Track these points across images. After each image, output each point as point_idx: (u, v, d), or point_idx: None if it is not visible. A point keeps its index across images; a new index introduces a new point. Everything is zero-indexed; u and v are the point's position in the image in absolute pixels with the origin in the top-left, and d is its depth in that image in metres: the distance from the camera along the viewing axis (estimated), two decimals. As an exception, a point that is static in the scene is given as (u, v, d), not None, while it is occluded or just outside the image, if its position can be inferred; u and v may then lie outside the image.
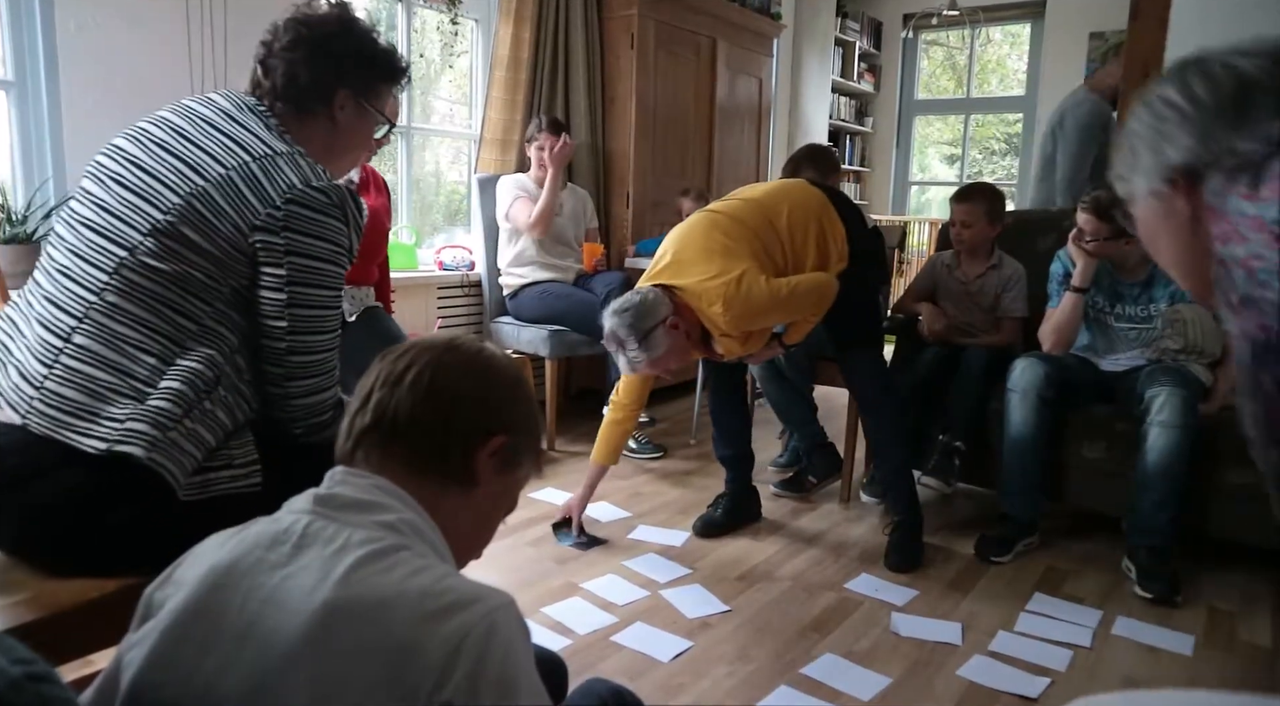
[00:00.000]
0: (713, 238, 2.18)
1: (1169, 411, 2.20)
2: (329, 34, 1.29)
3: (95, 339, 1.14)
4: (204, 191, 1.16)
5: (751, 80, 4.63)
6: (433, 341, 0.86)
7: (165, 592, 0.75)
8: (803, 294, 2.16)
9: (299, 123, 1.30)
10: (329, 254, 1.21)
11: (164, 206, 1.15)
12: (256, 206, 1.16)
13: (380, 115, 1.39)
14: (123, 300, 1.15)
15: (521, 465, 0.90)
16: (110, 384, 1.13)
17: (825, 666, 1.81)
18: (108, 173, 1.21)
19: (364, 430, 0.82)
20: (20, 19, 2.37)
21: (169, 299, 1.15)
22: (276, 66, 1.28)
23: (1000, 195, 2.81)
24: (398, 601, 0.68)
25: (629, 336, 2.09)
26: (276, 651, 0.67)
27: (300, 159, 1.22)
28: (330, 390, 1.28)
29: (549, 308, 3.35)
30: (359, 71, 1.33)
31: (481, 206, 3.55)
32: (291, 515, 0.77)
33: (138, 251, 1.14)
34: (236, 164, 1.18)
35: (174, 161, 1.19)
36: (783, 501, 2.85)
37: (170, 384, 1.14)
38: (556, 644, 1.85)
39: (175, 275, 1.15)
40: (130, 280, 1.14)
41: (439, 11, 3.51)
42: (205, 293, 1.17)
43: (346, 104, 1.33)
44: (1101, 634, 1.99)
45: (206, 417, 1.16)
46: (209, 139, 1.21)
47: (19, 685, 0.47)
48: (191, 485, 1.14)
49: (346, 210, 1.22)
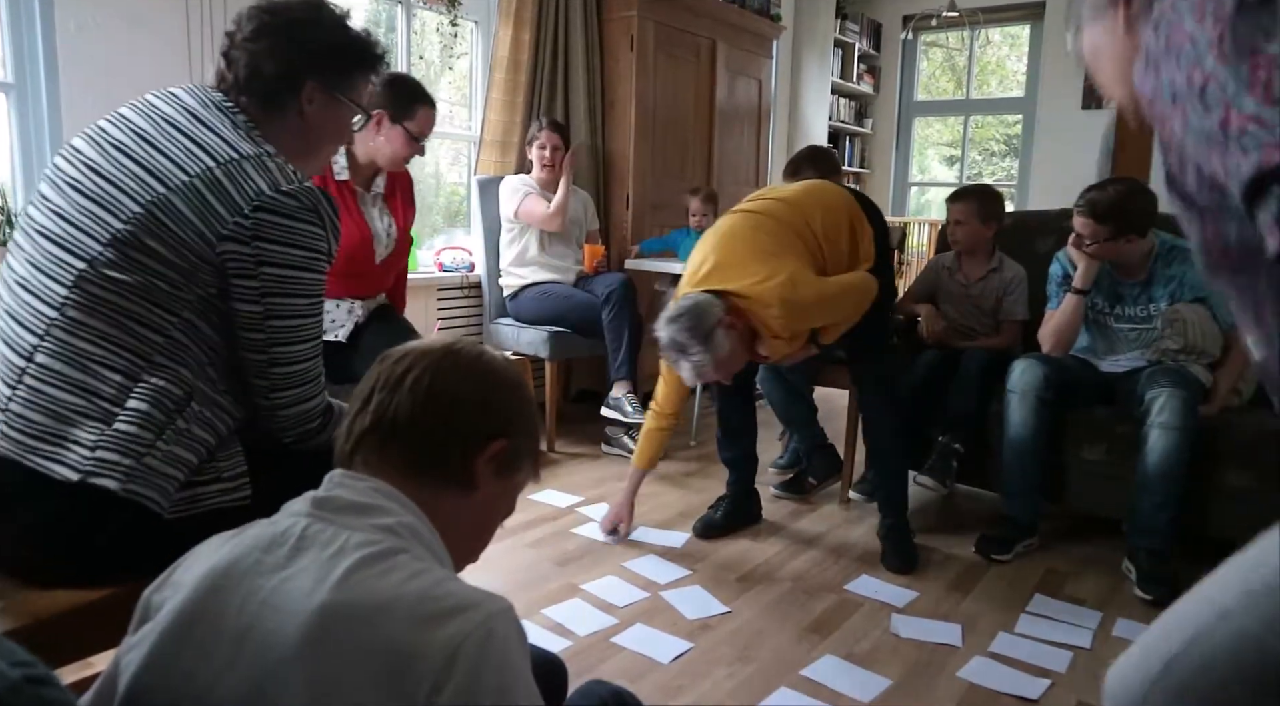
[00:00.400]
0: (758, 239, 2.15)
1: (1169, 413, 2.20)
2: (294, 21, 1.23)
3: (58, 358, 1.09)
4: (166, 200, 1.10)
5: (751, 82, 4.63)
6: (431, 345, 0.86)
7: (163, 595, 0.75)
8: (850, 292, 2.17)
9: (267, 118, 1.23)
10: (305, 261, 1.16)
11: (124, 215, 1.10)
12: (223, 215, 1.11)
13: (355, 106, 1.32)
14: (84, 315, 1.09)
15: (521, 469, 0.90)
16: (75, 406, 1.08)
17: (826, 668, 1.81)
18: (65, 178, 1.15)
19: (364, 432, 0.82)
20: (20, 20, 2.37)
21: (133, 312, 1.10)
22: (239, 58, 1.21)
23: (995, 195, 2.81)
24: (395, 605, 0.68)
25: (690, 341, 2.03)
26: (274, 654, 0.67)
27: (268, 161, 1.16)
28: (317, 397, 1.25)
29: (550, 308, 3.35)
30: (327, 60, 1.25)
31: (481, 208, 3.55)
32: (290, 518, 0.76)
33: (97, 263, 1.09)
34: (200, 170, 1.12)
35: (134, 167, 1.13)
36: (783, 503, 2.85)
37: (137, 406, 1.09)
38: (556, 645, 1.85)
39: (138, 287, 1.09)
40: (91, 294, 1.09)
41: (438, 13, 3.51)
42: (171, 303, 1.11)
43: (315, 96, 1.25)
44: (1101, 635, 1.99)
45: (183, 437, 1.12)
46: (171, 142, 1.14)
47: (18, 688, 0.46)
48: (179, 501, 1.11)
49: (320, 213, 1.17)
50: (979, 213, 2.73)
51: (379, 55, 1.33)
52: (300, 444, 1.25)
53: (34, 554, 1.10)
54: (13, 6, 2.36)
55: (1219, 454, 2.26)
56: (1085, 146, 5.43)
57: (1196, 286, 2.35)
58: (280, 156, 1.18)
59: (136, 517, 1.08)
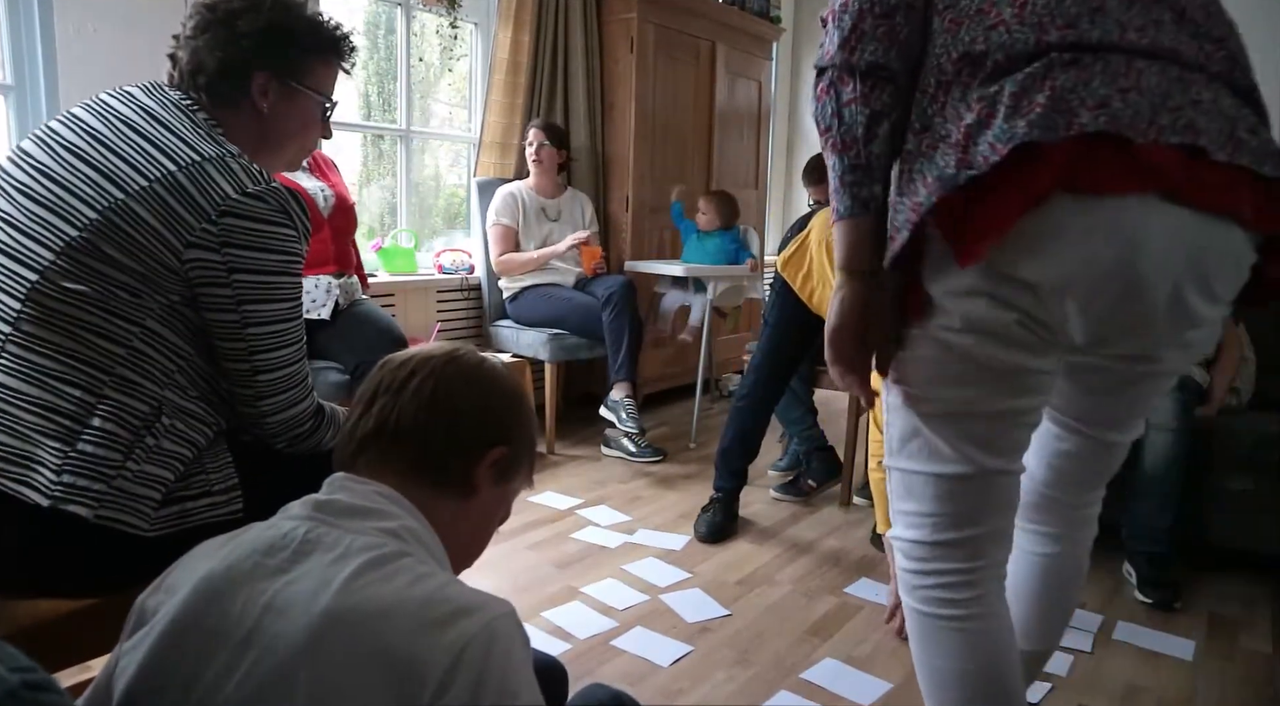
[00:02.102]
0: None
1: (1163, 413, 2.19)
2: (233, 11, 1.16)
3: (15, 376, 1.03)
4: (124, 205, 1.04)
5: (751, 84, 4.63)
6: (433, 352, 0.87)
7: (158, 599, 0.75)
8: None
9: (225, 115, 1.18)
10: (279, 265, 1.11)
11: (79, 223, 1.04)
12: (189, 221, 1.05)
13: (317, 95, 1.25)
14: (40, 329, 1.03)
15: (518, 475, 0.91)
16: (36, 426, 1.03)
17: (825, 671, 1.81)
18: (14, 183, 1.08)
19: (366, 435, 0.83)
20: (19, 22, 2.37)
21: (90, 323, 1.04)
22: (184, 56, 1.17)
23: None
24: (399, 610, 0.68)
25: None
26: (278, 658, 0.66)
27: (232, 162, 1.10)
28: (306, 400, 1.20)
29: (549, 310, 3.35)
30: (273, 49, 1.18)
31: (481, 210, 3.55)
32: (290, 521, 0.76)
33: (50, 273, 1.03)
34: (160, 175, 1.06)
35: (88, 171, 1.06)
36: (782, 505, 2.84)
37: (101, 425, 1.04)
38: (556, 648, 1.85)
39: (96, 297, 1.04)
40: (46, 306, 1.03)
41: (438, 15, 3.51)
42: (131, 313, 1.06)
43: (269, 88, 1.19)
44: (1102, 639, 1.99)
45: (154, 454, 1.07)
46: (127, 145, 1.09)
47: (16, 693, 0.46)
48: (167, 517, 1.08)
49: (290, 213, 1.12)
50: None
51: (335, 38, 1.26)
52: (291, 448, 1.21)
53: (18, 576, 1.07)
54: (12, 8, 2.36)
55: (1220, 458, 2.25)
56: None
57: None
58: (244, 156, 1.13)
59: (120, 539, 1.05)
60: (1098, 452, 1.16)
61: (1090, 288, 0.88)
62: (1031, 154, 0.84)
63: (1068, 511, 1.22)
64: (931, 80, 0.93)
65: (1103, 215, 0.85)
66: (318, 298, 2.40)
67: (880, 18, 0.92)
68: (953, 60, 0.91)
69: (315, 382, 1.29)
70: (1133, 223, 0.85)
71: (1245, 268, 0.93)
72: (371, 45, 3.53)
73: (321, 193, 2.51)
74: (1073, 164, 0.84)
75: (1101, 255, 0.86)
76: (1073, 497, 1.22)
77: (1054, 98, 0.84)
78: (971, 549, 1.03)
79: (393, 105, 3.59)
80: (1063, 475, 1.19)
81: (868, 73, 0.93)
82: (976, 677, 1.03)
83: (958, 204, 0.88)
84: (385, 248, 3.40)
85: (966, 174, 0.86)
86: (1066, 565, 1.24)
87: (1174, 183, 0.84)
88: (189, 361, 1.12)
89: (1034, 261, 0.87)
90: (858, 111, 0.94)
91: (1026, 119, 0.84)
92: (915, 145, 0.94)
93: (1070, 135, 0.83)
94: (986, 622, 1.03)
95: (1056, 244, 0.86)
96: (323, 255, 2.48)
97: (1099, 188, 0.84)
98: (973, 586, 1.03)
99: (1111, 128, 0.83)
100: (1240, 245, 0.90)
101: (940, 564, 1.03)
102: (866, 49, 0.92)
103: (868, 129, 0.94)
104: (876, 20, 0.92)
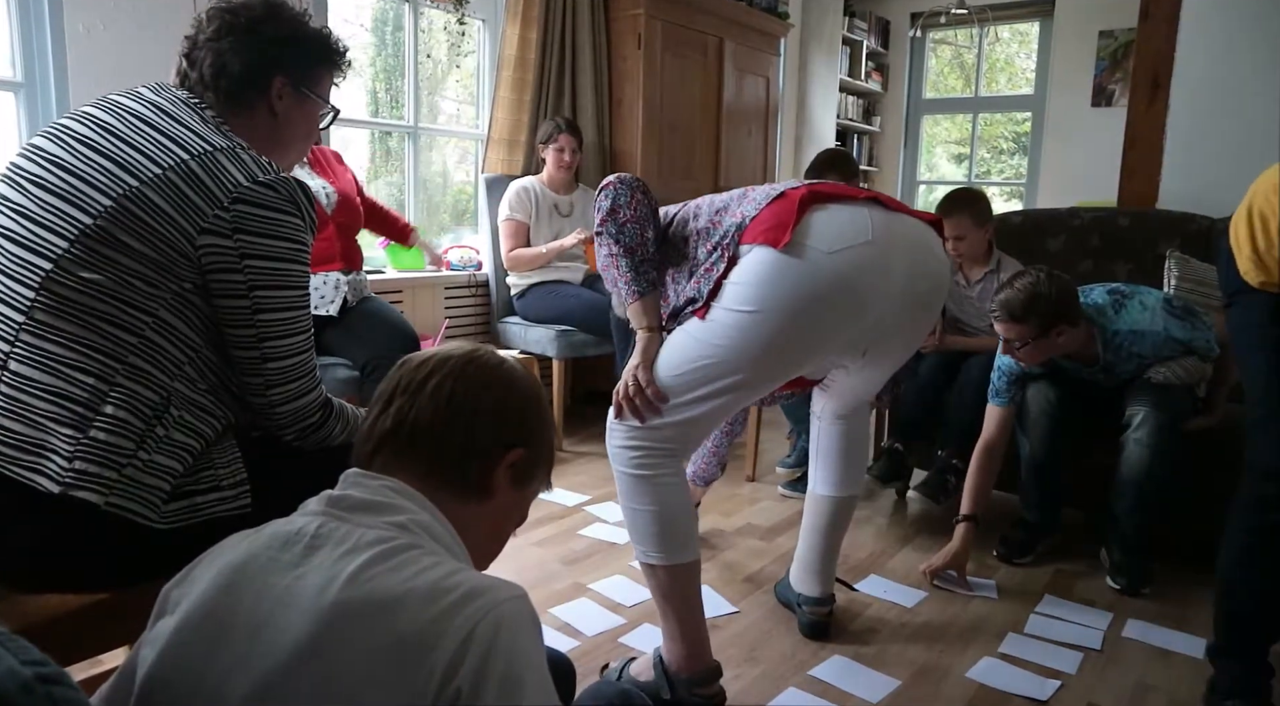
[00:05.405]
0: None
1: (1145, 431, 2.18)
2: (256, 19, 1.22)
3: (29, 364, 1.05)
4: (139, 192, 1.06)
5: (758, 80, 4.62)
6: (452, 352, 0.87)
7: (182, 590, 0.76)
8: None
9: (235, 116, 1.22)
10: (290, 252, 1.14)
11: (93, 210, 1.05)
12: (202, 207, 1.08)
13: (322, 101, 1.32)
14: (53, 318, 1.05)
15: (535, 478, 0.91)
16: (49, 413, 1.05)
17: (834, 668, 1.80)
18: (26, 176, 1.10)
19: (385, 434, 0.83)
20: (29, 21, 2.38)
21: (104, 312, 1.06)
22: (204, 57, 1.20)
23: (978, 195, 2.77)
24: (407, 599, 0.68)
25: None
26: (285, 651, 0.67)
27: (242, 153, 1.13)
28: (314, 391, 1.22)
29: (557, 307, 3.35)
30: (293, 56, 1.26)
31: (489, 207, 3.55)
32: (305, 517, 0.77)
33: (65, 262, 1.05)
34: (173, 162, 1.08)
35: (102, 161, 1.08)
36: (790, 502, 2.84)
37: (114, 412, 1.06)
38: (565, 645, 1.85)
39: (109, 285, 1.05)
40: (60, 295, 1.05)
41: (446, 12, 3.51)
42: (145, 302, 1.07)
43: (284, 92, 1.25)
44: (1112, 636, 1.98)
45: (164, 445, 1.08)
46: (140, 136, 1.11)
47: (30, 687, 0.46)
48: (176, 511, 1.09)
49: (299, 204, 1.15)
50: (974, 220, 2.67)
51: (340, 50, 1.33)
52: (301, 440, 1.23)
53: (31, 570, 1.08)
54: (22, 7, 2.37)
55: (1226, 462, 2.22)
56: (1095, 144, 5.40)
57: (1160, 351, 2.23)
58: (253, 149, 1.17)
59: (131, 531, 1.06)
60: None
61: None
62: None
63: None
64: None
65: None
66: (326, 294, 2.41)
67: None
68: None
69: (323, 378, 1.30)
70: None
71: None
72: (379, 42, 3.54)
73: (324, 190, 2.52)
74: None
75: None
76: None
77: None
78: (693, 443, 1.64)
79: (400, 102, 3.59)
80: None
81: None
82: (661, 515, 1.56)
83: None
84: (393, 244, 3.40)
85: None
86: (856, 429, 1.92)
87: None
88: (199, 353, 1.14)
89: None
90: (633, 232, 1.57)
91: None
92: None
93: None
94: (678, 478, 1.58)
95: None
96: (328, 252, 2.50)
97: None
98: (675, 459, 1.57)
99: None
100: None
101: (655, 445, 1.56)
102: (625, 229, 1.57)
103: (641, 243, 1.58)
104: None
